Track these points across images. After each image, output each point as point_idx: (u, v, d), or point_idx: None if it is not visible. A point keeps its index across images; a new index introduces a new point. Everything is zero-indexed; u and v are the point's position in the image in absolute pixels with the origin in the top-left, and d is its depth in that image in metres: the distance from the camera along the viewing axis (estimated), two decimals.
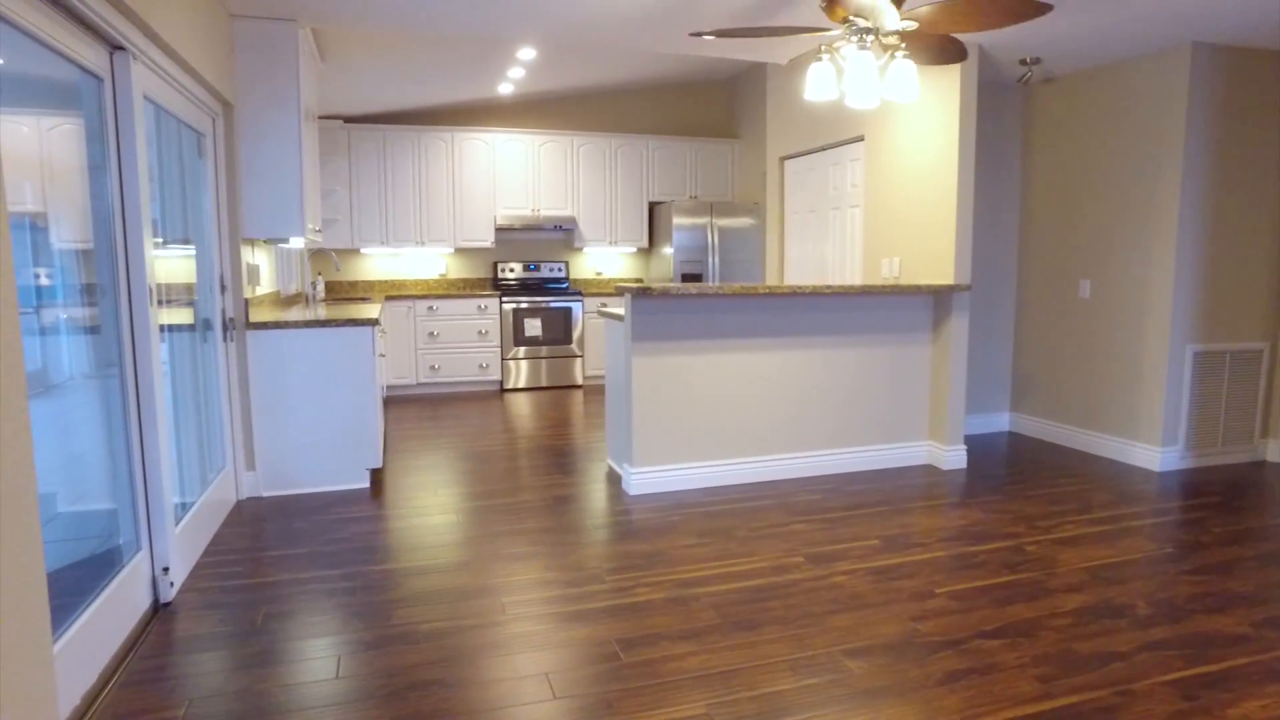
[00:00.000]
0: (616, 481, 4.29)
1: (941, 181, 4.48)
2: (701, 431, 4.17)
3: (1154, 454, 4.51)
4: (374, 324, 4.11)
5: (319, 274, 7.22)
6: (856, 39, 3.07)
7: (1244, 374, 4.62)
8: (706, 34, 3.19)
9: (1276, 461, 4.68)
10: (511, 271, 7.59)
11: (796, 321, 4.29)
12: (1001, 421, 5.56)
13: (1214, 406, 4.58)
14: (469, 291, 7.21)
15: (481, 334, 7.14)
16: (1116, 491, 4.10)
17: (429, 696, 2.19)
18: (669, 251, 7.30)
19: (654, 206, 7.74)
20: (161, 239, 3.05)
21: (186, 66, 3.13)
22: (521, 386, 7.30)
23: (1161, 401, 4.46)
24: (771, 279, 6.73)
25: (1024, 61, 4.61)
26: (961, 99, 4.32)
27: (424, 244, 7.19)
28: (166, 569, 2.79)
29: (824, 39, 4.03)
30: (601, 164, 7.55)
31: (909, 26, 2.94)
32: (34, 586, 1.60)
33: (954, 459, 4.54)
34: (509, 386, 7.26)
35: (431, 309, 7.01)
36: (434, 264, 7.54)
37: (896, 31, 3.03)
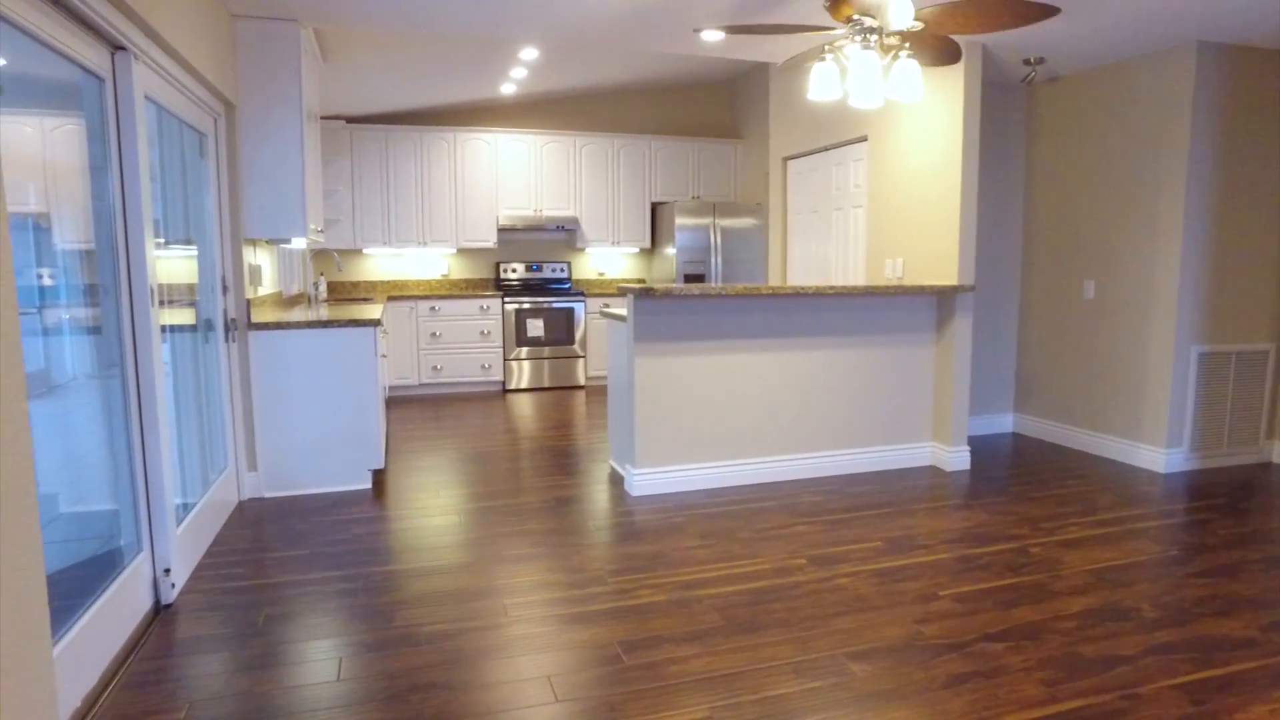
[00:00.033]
0: (619, 483, 4.28)
1: (945, 182, 4.46)
2: (704, 433, 4.16)
3: (1159, 455, 4.49)
4: (376, 324, 4.10)
5: (321, 274, 7.22)
6: (860, 39, 3.07)
7: (1249, 375, 4.60)
8: (714, 29, 3.18)
9: None
10: (514, 272, 7.58)
11: (799, 322, 4.28)
12: (1005, 422, 5.54)
13: (1219, 408, 4.56)
14: (471, 292, 7.20)
15: (484, 334, 7.14)
16: (1121, 493, 4.08)
17: (431, 699, 2.18)
18: (671, 252, 7.29)
19: (656, 207, 7.73)
20: (163, 239, 3.04)
21: (188, 66, 3.13)
22: (524, 387, 7.29)
23: (1166, 403, 4.44)
24: (774, 279, 6.72)
25: (1028, 61, 4.60)
26: (965, 99, 4.30)
27: (426, 244, 7.18)
28: (168, 570, 2.78)
29: (827, 38, 4.01)
30: (604, 164, 7.54)
31: (916, 26, 2.92)
32: (33, 589, 1.60)
33: (957, 460, 4.52)
34: (511, 387, 7.25)
35: (434, 309, 7.00)
36: (436, 264, 7.53)
37: (899, 32, 3.02)
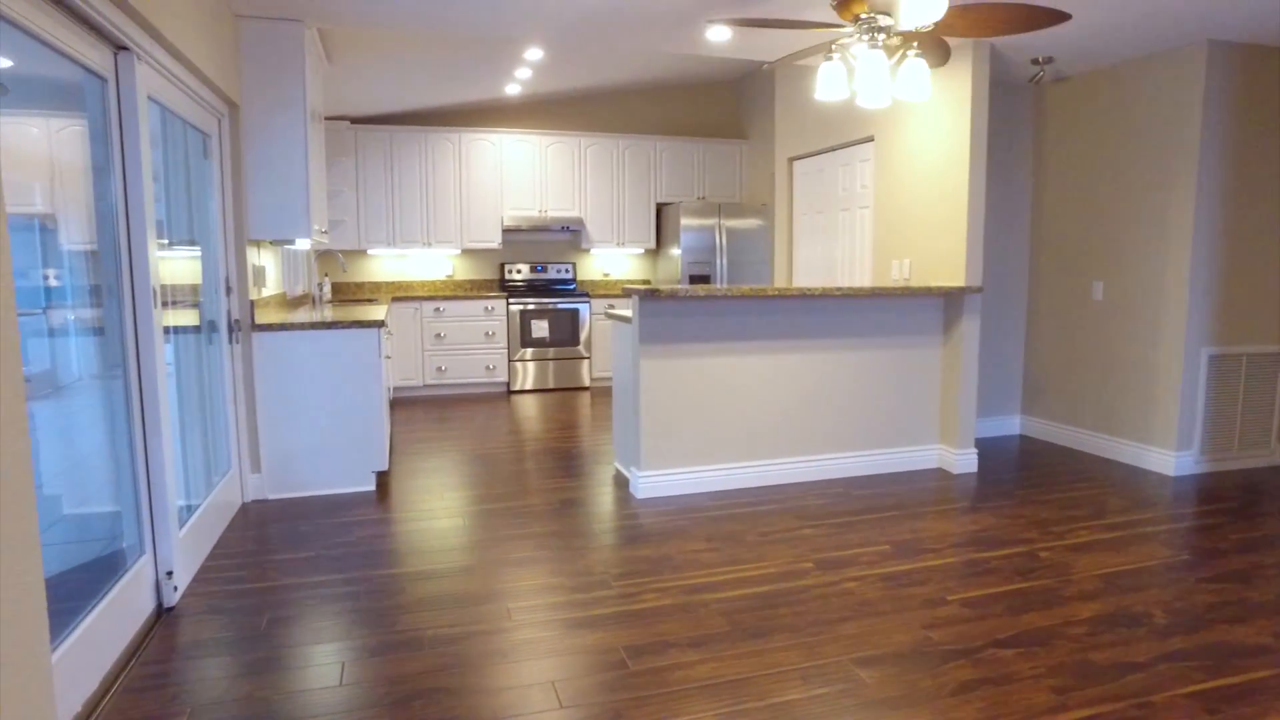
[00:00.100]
0: (624, 485, 4.25)
1: (952, 182, 4.43)
2: (710, 435, 4.13)
3: (1168, 458, 4.45)
4: (380, 326, 4.08)
5: (326, 275, 7.21)
6: (868, 38, 3.04)
7: (1261, 377, 4.56)
8: (722, 22, 3.15)
9: None
10: (518, 273, 7.56)
11: (805, 324, 4.25)
12: (1013, 425, 5.50)
13: (1230, 410, 4.51)
14: (476, 293, 7.19)
15: (488, 335, 7.12)
16: (1130, 496, 4.04)
17: (433, 705, 2.16)
18: (677, 253, 7.26)
19: (662, 207, 7.70)
20: (167, 240, 3.03)
21: (191, 67, 3.11)
22: (528, 388, 7.27)
23: (1176, 405, 4.40)
24: (780, 281, 6.69)
25: (1036, 61, 4.56)
26: (973, 99, 4.27)
27: (431, 245, 7.17)
28: (170, 573, 2.77)
29: (832, 35, 3.99)
30: (609, 165, 7.52)
31: (925, 26, 2.90)
32: (32, 593, 1.58)
33: (965, 463, 4.48)
34: (516, 388, 7.24)
35: (438, 310, 6.99)
36: (441, 265, 7.52)
37: (904, 31, 2.99)
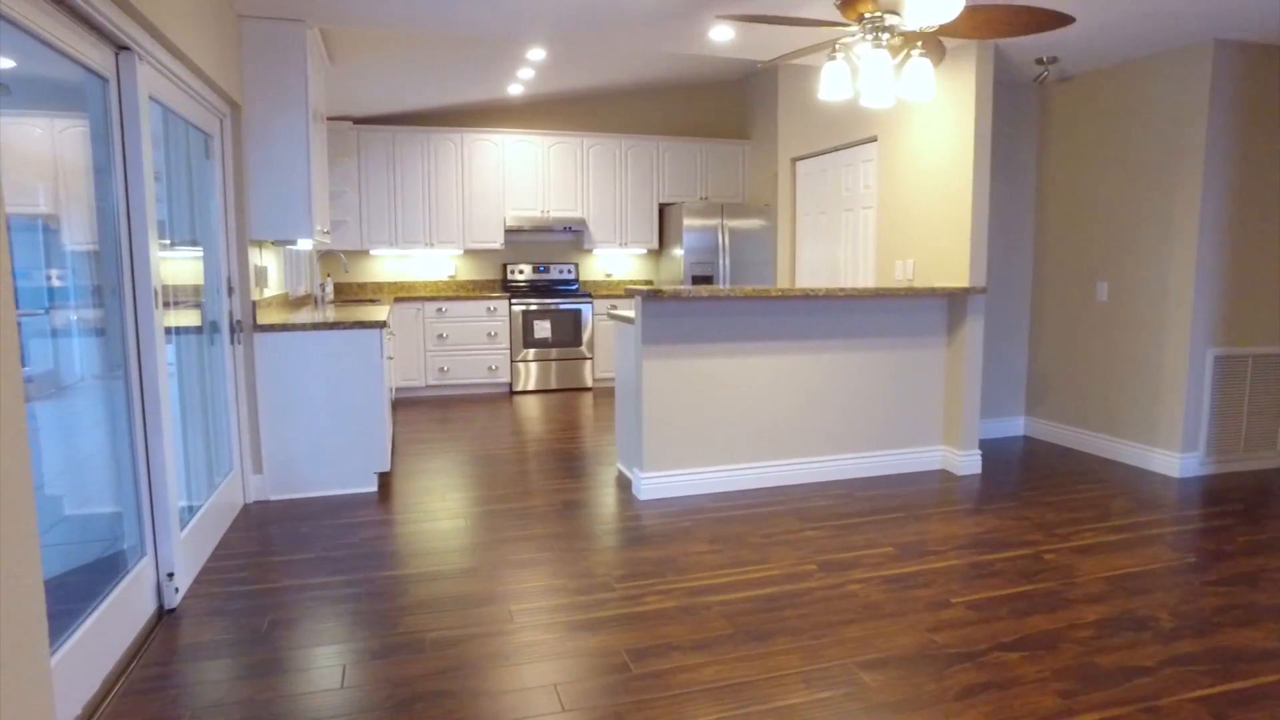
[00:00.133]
0: (626, 486, 4.24)
1: (956, 182, 4.41)
2: (713, 436, 4.12)
3: (1174, 460, 4.43)
4: (382, 326, 4.08)
5: (328, 275, 7.21)
6: (871, 37, 3.02)
7: (1267, 378, 4.53)
8: (726, 17, 3.14)
9: None
10: (521, 273, 7.55)
11: (808, 324, 4.23)
12: (1016, 426, 5.47)
13: (1236, 411, 4.49)
14: (478, 293, 7.18)
15: (491, 336, 7.11)
16: (1136, 498, 4.02)
17: (435, 708, 2.15)
18: (679, 253, 7.25)
19: (664, 208, 7.69)
20: (169, 240, 3.02)
21: (193, 67, 3.11)
22: (531, 389, 7.26)
23: (1181, 406, 4.38)
24: (783, 281, 6.67)
25: (1040, 60, 4.54)
26: (977, 99, 4.25)
27: (433, 245, 7.16)
28: (171, 574, 2.76)
29: (836, 33, 3.97)
30: (611, 165, 7.50)
31: (929, 27, 2.88)
32: (31, 595, 1.57)
33: (968, 464, 4.46)
34: (518, 389, 7.23)
35: (440, 311, 6.98)
36: (443, 265, 7.51)
37: (905, 32, 2.98)
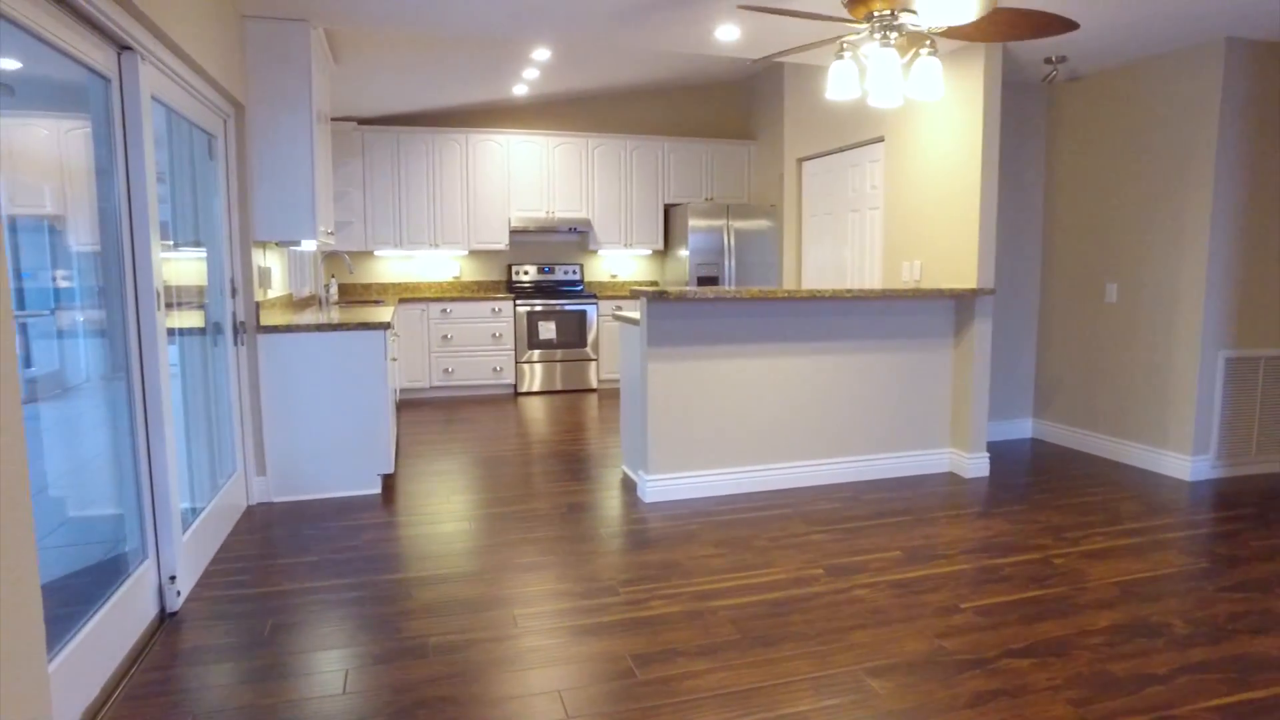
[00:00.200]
0: (631, 489, 4.21)
1: (963, 183, 4.38)
2: (718, 438, 4.09)
3: (1184, 463, 4.38)
4: (386, 328, 4.06)
5: (333, 276, 7.20)
6: (879, 36, 2.99)
7: (1279, 381, 4.48)
8: (746, 5, 3.12)
9: None
10: (525, 274, 7.53)
11: (815, 326, 4.20)
12: (1024, 428, 5.43)
13: (1247, 414, 4.44)
14: (483, 294, 7.16)
15: (495, 337, 7.09)
16: (1146, 502, 3.98)
17: (438, 714, 2.12)
18: (685, 254, 7.22)
19: (669, 208, 7.66)
20: (172, 241, 3.00)
21: (196, 67, 3.09)
22: (536, 390, 7.24)
23: (1192, 409, 4.33)
24: (789, 282, 6.64)
25: (1049, 60, 4.50)
26: (985, 98, 4.22)
27: (438, 246, 7.15)
28: (173, 577, 2.74)
29: (841, 30, 3.94)
30: (616, 166, 7.48)
31: (938, 28, 2.86)
32: (28, 599, 1.55)
33: (976, 467, 4.43)
34: (523, 390, 7.21)
35: (445, 312, 6.96)
36: (448, 266, 7.50)
37: (911, 32, 2.95)
